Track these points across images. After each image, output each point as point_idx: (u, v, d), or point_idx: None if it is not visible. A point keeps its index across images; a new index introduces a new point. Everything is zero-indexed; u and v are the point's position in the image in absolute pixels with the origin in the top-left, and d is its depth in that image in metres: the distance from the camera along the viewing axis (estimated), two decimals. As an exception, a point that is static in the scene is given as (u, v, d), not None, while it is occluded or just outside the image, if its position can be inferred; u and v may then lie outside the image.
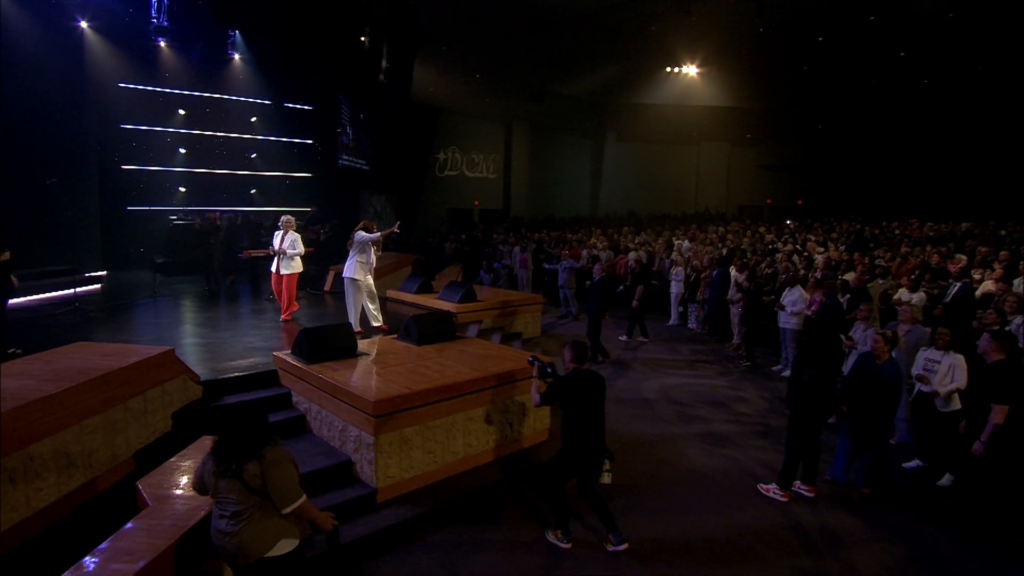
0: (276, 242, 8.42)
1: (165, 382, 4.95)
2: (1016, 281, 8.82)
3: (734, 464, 5.86)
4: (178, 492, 3.39)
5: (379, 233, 7.45)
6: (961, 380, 5.32)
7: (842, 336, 7.21)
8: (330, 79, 16.48)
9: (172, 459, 3.80)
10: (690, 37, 21.14)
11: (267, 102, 16.17)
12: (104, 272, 13.03)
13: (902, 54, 21.17)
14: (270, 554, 2.90)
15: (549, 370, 4.72)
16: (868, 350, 5.52)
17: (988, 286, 8.79)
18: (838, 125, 27.12)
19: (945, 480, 5.54)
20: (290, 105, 16.74)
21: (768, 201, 30.99)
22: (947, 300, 8.37)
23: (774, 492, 5.19)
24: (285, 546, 2.95)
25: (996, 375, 4.80)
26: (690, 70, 24.83)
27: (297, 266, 8.47)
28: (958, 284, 8.86)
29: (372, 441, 4.68)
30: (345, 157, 18.75)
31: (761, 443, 6.48)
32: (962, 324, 7.15)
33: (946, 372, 5.46)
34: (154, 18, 13.67)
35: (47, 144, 11.84)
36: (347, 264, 7.45)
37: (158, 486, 3.42)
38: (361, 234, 7.35)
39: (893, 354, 5.36)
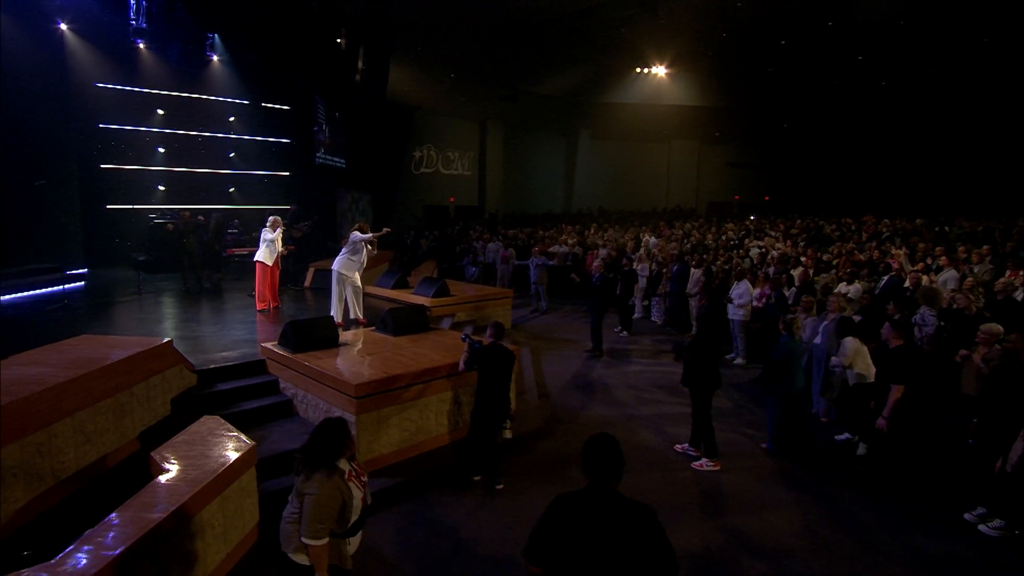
0: (269, 237, 9.09)
1: (165, 370, 5.47)
2: (946, 274, 9.69)
3: (680, 441, 6.55)
4: (187, 461, 3.95)
5: (372, 234, 8.00)
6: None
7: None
8: (307, 80, 16.83)
9: (179, 435, 4.34)
10: (658, 39, 21.94)
11: (245, 102, 16.48)
12: (86, 270, 13.31)
13: (860, 58, 22.20)
14: (292, 557, 3.00)
15: (476, 345, 5.54)
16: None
17: (924, 278, 9.67)
18: (803, 124, 28.17)
19: (861, 450, 6.32)
20: (268, 105, 17.07)
21: (736, 198, 32.03)
22: (878, 292, 9.22)
23: (706, 465, 5.93)
24: (302, 559, 2.98)
25: (895, 359, 5.55)
26: (659, 71, 25.65)
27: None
28: (886, 277, 9.76)
29: (354, 420, 5.27)
30: (322, 155, 19.12)
31: (706, 422, 7.20)
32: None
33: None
34: (133, 20, 13.92)
35: (28, 145, 12.09)
36: (337, 259, 7.97)
37: (169, 457, 3.96)
38: (356, 234, 7.89)
39: (783, 337, 6.20)
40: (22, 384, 4.16)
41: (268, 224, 9.26)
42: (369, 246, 8.00)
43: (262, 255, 9.14)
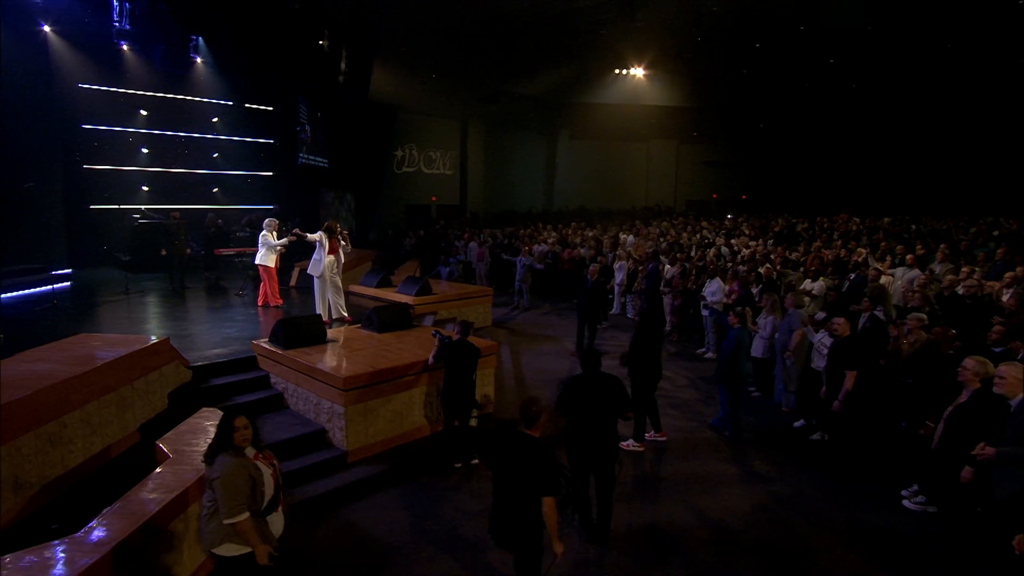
0: (272, 242, 9.48)
1: (162, 366, 5.80)
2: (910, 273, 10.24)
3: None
4: (189, 449, 4.29)
5: (341, 230, 8.38)
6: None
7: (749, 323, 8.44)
8: (291, 81, 17.04)
9: (181, 426, 4.68)
10: (636, 42, 22.46)
11: (228, 103, 16.65)
12: (70, 270, 13.42)
13: (831, 61, 22.93)
14: (217, 552, 3.10)
15: (445, 340, 6.07)
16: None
17: (883, 276, 10.24)
18: (778, 124, 28.92)
19: (817, 435, 6.83)
20: (251, 106, 17.25)
21: (715, 196, 32.74)
22: (845, 289, 9.77)
23: (632, 446, 6.42)
24: (230, 549, 3.07)
25: (846, 348, 6.05)
26: (637, 72, 26.21)
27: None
28: (853, 275, 10.30)
29: (343, 411, 5.64)
30: (304, 155, 19.32)
31: (673, 412, 7.68)
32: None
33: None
34: (116, 22, 14.07)
35: (11, 145, 12.19)
36: (310, 261, 8.44)
37: (174, 444, 4.31)
38: (319, 232, 8.31)
39: (734, 329, 6.77)
40: (34, 379, 4.48)
41: (266, 227, 9.56)
42: (334, 239, 8.34)
43: (262, 258, 9.46)
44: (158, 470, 3.91)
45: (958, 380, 4.58)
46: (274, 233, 9.64)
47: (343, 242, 8.46)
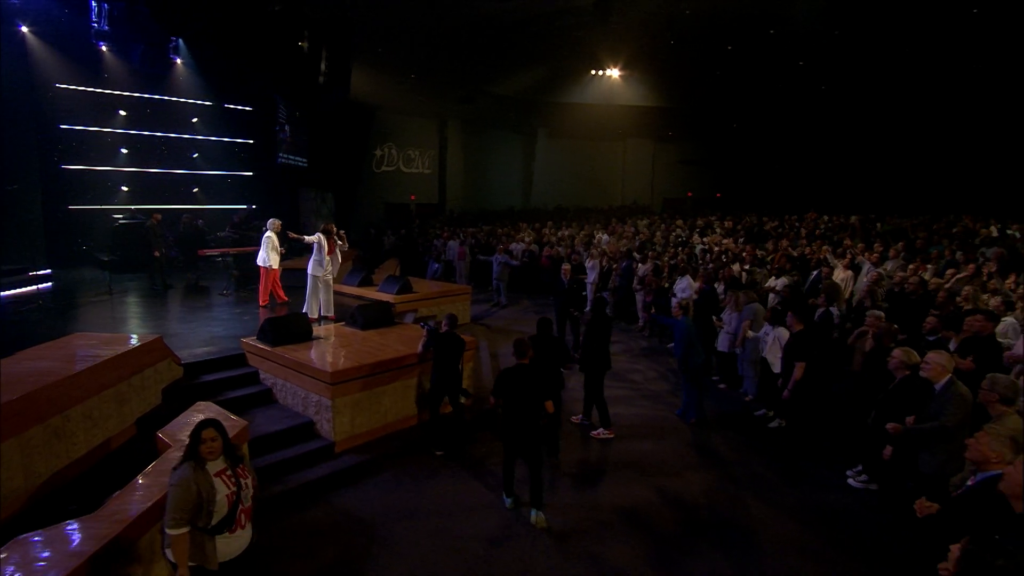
0: (276, 241, 9.67)
1: (156, 363, 6.07)
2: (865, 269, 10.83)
3: (615, 419, 7.43)
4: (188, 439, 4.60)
5: (317, 235, 8.68)
6: (776, 348, 7.11)
7: (714, 317, 8.92)
8: (271, 82, 17.17)
9: (179, 418, 4.98)
10: (611, 43, 22.92)
11: (208, 103, 16.74)
12: (49, 271, 13.46)
13: (801, 63, 23.66)
14: (167, 555, 3.14)
15: (432, 330, 6.64)
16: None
17: (839, 273, 10.82)
18: (751, 124, 29.70)
19: (775, 423, 7.33)
20: (231, 106, 17.36)
21: (690, 194, 33.46)
22: (807, 286, 10.32)
23: (601, 434, 6.96)
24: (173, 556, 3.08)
25: (798, 341, 6.55)
26: (613, 73, 26.66)
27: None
28: (815, 272, 10.87)
29: (330, 404, 5.98)
30: (283, 155, 19.44)
31: (644, 403, 8.17)
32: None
33: (771, 342, 7.24)
34: (95, 23, 14.11)
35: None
36: (309, 261, 8.69)
37: (174, 435, 4.61)
38: (316, 234, 8.58)
39: (681, 320, 7.28)
40: (38, 376, 4.75)
41: (269, 228, 9.63)
42: (331, 240, 8.64)
43: (264, 259, 9.60)
44: (161, 458, 4.22)
45: (888, 369, 5.09)
46: (277, 234, 9.70)
47: (340, 242, 8.76)
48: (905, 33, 19.41)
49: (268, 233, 9.62)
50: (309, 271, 8.59)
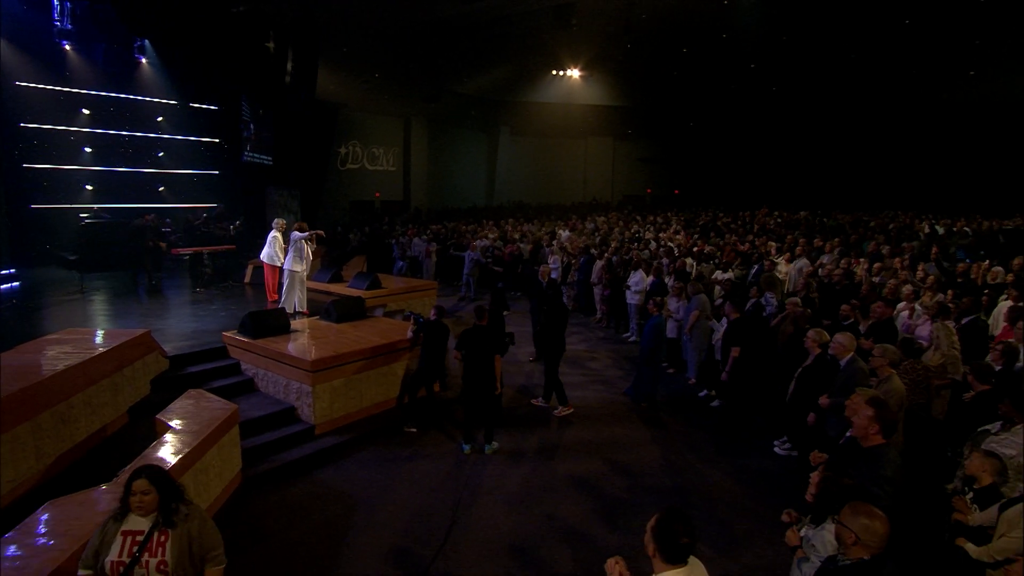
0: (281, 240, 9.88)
1: (145, 356, 6.50)
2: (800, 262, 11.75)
3: (573, 402, 8.11)
4: (187, 420, 5.09)
5: (309, 232, 9.13)
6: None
7: (651, 300, 9.63)
8: (237, 82, 17.33)
9: (174, 403, 5.46)
10: (572, 45, 23.71)
11: (173, 102, 16.83)
12: (13, 270, 13.45)
13: (752, 66, 24.84)
14: None
15: (420, 320, 7.23)
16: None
17: (783, 267, 11.77)
18: (707, 123, 30.88)
19: (716, 402, 8.13)
20: (196, 105, 17.46)
21: (649, 191, 34.58)
22: (750, 279, 11.19)
23: (561, 411, 7.73)
24: None
25: (734, 328, 7.33)
26: (574, 73, 27.48)
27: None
28: (756, 266, 11.76)
29: (311, 390, 6.51)
30: (249, 153, 19.57)
31: (599, 387, 8.89)
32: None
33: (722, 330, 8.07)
34: (57, 21, 14.15)
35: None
36: (287, 258, 9.14)
37: (172, 418, 5.09)
38: (295, 233, 9.02)
39: (660, 313, 7.97)
40: (43, 366, 5.17)
41: (275, 227, 9.89)
42: (308, 242, 9.12)
43: (268, 257, 9.83)
44: (161, 439, 4.71)
45: (804, 347, 5.90)
46: (281, 233, 9.88)
47: (309, 242, 9.19)
48: (848, 39, 20.71)
49: (274, 233, 9.87)
50: (288, 267, 9.04)
